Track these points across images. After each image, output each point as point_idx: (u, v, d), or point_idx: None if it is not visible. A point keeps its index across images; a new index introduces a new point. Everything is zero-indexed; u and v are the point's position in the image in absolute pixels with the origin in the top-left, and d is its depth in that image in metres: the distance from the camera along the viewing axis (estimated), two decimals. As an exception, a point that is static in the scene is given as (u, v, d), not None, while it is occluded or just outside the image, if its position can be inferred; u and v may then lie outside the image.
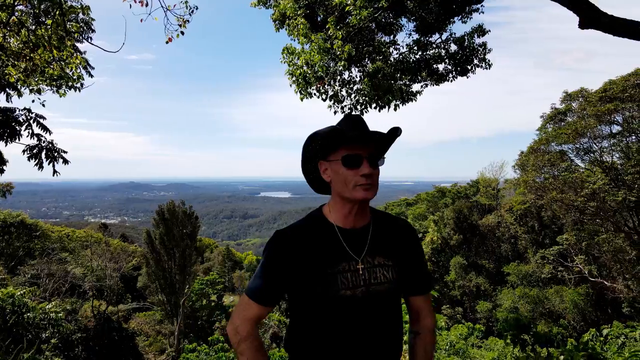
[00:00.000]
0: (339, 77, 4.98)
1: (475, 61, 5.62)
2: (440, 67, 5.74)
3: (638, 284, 18.57)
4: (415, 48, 5.68)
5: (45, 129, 4.34)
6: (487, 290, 25.34)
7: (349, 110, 5.23)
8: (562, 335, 17.59)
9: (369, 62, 5.18)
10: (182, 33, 4.03)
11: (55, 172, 4.46)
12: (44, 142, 4.46)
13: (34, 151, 4.36)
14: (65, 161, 4.55)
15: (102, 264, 23.13)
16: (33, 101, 4.77)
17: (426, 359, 1.52)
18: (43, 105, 4.81)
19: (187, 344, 17.88)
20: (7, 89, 4.76)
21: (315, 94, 4.96)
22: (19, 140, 4.36)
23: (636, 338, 8.12)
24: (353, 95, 5.17)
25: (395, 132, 1.36)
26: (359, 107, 5.19)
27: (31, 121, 4.29)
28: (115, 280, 23.07)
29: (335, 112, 5.30)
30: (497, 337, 12.92)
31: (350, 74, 5.15)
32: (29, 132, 4.34)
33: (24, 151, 4.37)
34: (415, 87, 5.83)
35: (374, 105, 5.14)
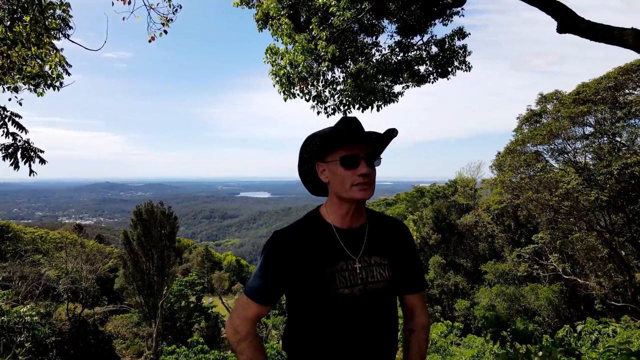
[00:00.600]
0: (322, 78, 4.99)
1: (456, 63, 5.71)
2: (422, 68, 5.81)
3: (609, 281, 19.14)
4: (397, 49, 5.74)
5: (21, 127, 4.22)
6: (465, 288, 25.75)
7: (332, 111, 5.26)
8: (538, 332, 18.02)
9: (351, 62, 5.21)
10: (165, 32, 3.96)
11: (32, 172, 4.34)
12: (19, 141, 4.33)
13: (10, 151, 4.24)
14: (42, 161, 4.43)
15: (78, 265, 22.63)
16: (10, 99, 4.62)
17: (420, 355, 1.56)
18: (20, 104, 4.67)
19: (165, 346, 17.62)
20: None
21: (298, 95, 4.97)
22: (-6, 139, 4.23)
23: (609, 334, 8.38)
24: (337, 96, 5.19)
25: (391, 132, 1.39)
26: (342, 107, 5.22)
27: (6, 120, 4.17)
28: (91, 282, 22.61)
29: (318, 113, 5.31)
30: (475, 335, 13.15)
31: (333, 75, 5.17)
32: (4, 131, 4.21)
33: (-2, 150, 4.25)
34: (397, 88, 5.89)
35: (357, 105, 5.18)
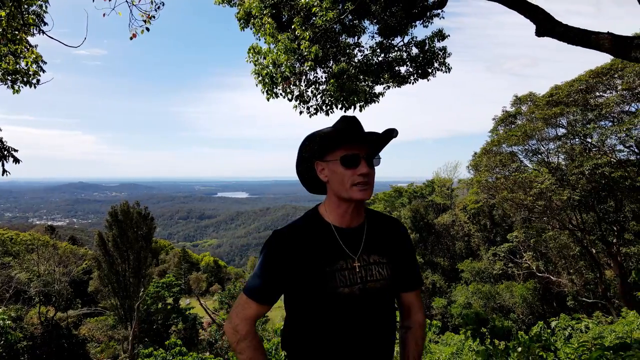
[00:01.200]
0: (304, 77, 4.99)
1: (436, 64, 5.79)
2: (402, 69, 5.87)
3: (580, 278, 19.72)
4: (378, 50, 5.78)
5: (-7, 126, 4.08)
6: (443, 287, 26.11)
7: (315, 111, 5.26)
8: (513, 329, 18.40)
9: (333, 63, 5.23)
10: (147, 29, 3.89)
11: (4, 171, 4.20)
12: (-9, 140, 4.19)
13: (-19, 150, 4.09)
14: (16, 160, 4.29)
15: (50, 268, 22.09)
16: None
17: (417, 352, 1.57)
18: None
19: (142, 349, 17.32)
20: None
21: (281, 94, 4.95)
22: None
23: (582, 329, 8.61)
24: (319, 96, 5.20)
25: (390, 133, 1.40)
26: (324, 107, 5.23)
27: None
28: (64, 284, 22.10)
29: (300, 113, 5.30)
30: (452, 332, 13.34)
31: (316, 75, 5.17)
32: (-26, 130, 4.07)
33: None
34: (378, 88, 5.94)
35: (339, 105, 5.19)
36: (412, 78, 5.94)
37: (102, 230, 24.55)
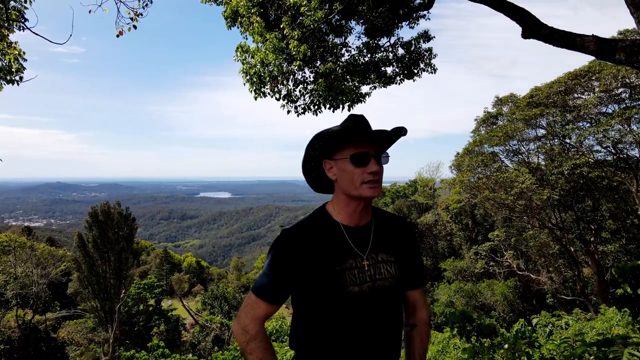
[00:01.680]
0: (291, 77, 4.98)
1: (422, 65, 5.84)
2: (389, 70, 5.90)
3: (559, 276, 20.13)
4: (365, 51, 5.81)
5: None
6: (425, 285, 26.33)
7: (302, 110, 5.25)
8: (496, 327, 18.66)
9: (320, 63, 5.23)
10: (135, 27, 3.83)
11: (-16, 171, 4.08)
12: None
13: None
14: (-4, 159, 4.18)
15: (27, 270, 21.59)
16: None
17: (422, 349, 1.59)
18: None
19: (123, 352, 17.06)
20: None
21: (269, 94, 4.93)
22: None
23: (562, 326, 8.82)
24: (307, 95, 5.19)
25: (399, 131, 1.41)
26: (312, 107, 5.23)
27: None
28: (42, 287, 21.64)
29: (288, 112, 5.29)
30: (436, 331, 13.48)
31: (304, 74, 5.17)
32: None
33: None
34: (364, 88, 5.96)
35: (327, 105, 5.20)
36: (398, 78, 5.98)
37: (82, 231, 24.12)
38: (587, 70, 16.12)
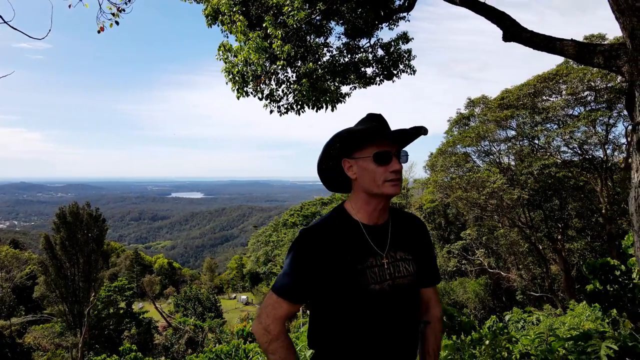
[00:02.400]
0: (274, 77, 4.96)
1: (401, 66, 5.92)
2: (369, 70, 5.96)
3: (528, 273, 20.73)
4: (345, 51, 5.84)
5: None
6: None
7: (285, 110, 5.25)
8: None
9: (301, 62, 5.22)
10: (117, 23, 3.72)
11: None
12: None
13: None
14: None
15: (-9, 273, 20.73)
16: None
17: (436, 345, 1.62)
18: None
19: (93, 356, 16.62)
20: None
21: (252, 93, 4.90)
22: None
23: (533, 322, 9.07)
24: (291, 95, 5.18)
25: (418, 130, 1.44)
26: (295, 106, 5.22)
27: None
28: (6, 291, 20.85)
29: (271, 112, 5.26)
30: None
31: (286, 74, 5.15)
32: None
33: None
34: (345, 89, 5.99)
35: (311, 105, 5.20)
36: (377, 79, 6.04)
37: (49, 233, 23.33)
38: (555, 74, 16.65)
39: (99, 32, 3.66)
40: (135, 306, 30.68)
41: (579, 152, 17.48)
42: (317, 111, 5.28)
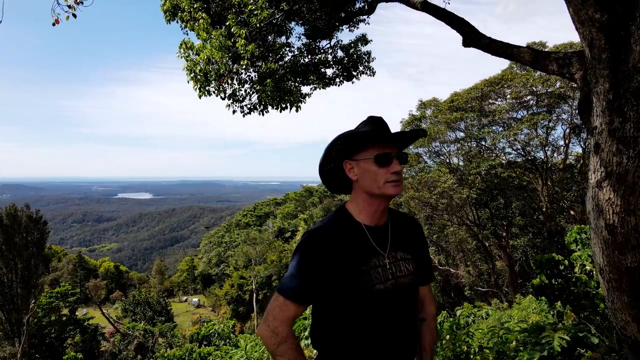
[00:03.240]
0: (235, 76, 4.88)
1: (361, 68, 6.01)
2: (329, 71, 6.00)
3: (476, 270, 21.62)
4: (306, 52, 5.84)
5: None
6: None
7: (248, 110, 5.18)
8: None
9: (262, 62, 5.18)
10: (75, 16, 3.51)
11: None
12: None
13: None
14: None
15: None
16: None
17: (432, 342, 1.68)
18: None
19: (34, 367, 15.70)
20: None
21: (214, 92, 4.79)
22: None
23: (482, 316, 9.49)
24: (255, 95, 5.11)
25: (417, 132, 1.50)
26: (259, 107, 5.16)
27: None
28: None
29: (234, 112, 5.16)
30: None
31: (249, 73, 5.09)
32: None
33: None
34: (305, 89, 6.00)
35: (274, 106, 5.16)
36: (337, 80, 6.09)
37: (-17, 237, 21.74)
38: (500, 78, 17.47)
39: (53, 24, 3.45)
40: (79, 312, 29.31)
41: (522, 153, 18.43)
42: (281, 112, 5.26)
